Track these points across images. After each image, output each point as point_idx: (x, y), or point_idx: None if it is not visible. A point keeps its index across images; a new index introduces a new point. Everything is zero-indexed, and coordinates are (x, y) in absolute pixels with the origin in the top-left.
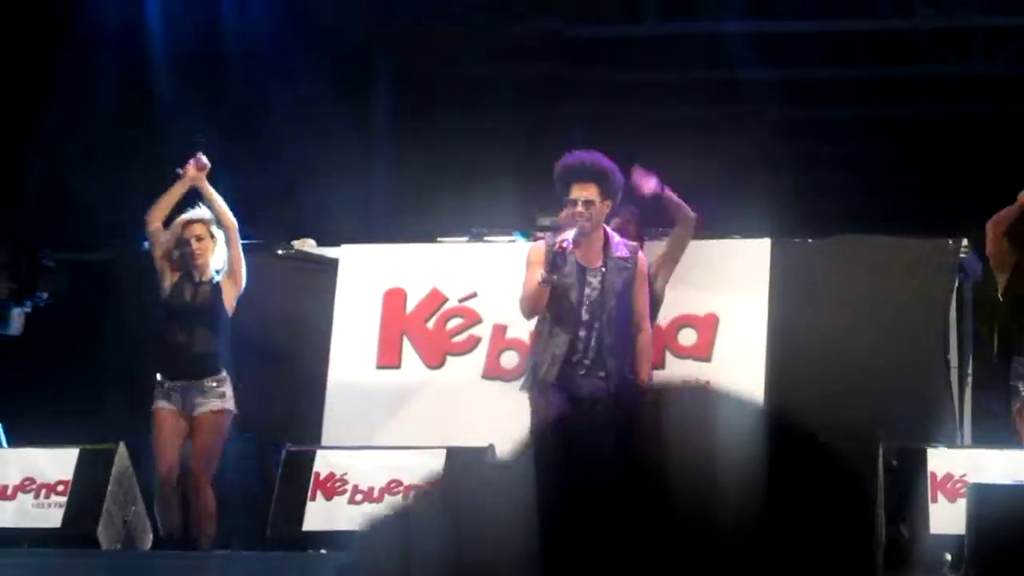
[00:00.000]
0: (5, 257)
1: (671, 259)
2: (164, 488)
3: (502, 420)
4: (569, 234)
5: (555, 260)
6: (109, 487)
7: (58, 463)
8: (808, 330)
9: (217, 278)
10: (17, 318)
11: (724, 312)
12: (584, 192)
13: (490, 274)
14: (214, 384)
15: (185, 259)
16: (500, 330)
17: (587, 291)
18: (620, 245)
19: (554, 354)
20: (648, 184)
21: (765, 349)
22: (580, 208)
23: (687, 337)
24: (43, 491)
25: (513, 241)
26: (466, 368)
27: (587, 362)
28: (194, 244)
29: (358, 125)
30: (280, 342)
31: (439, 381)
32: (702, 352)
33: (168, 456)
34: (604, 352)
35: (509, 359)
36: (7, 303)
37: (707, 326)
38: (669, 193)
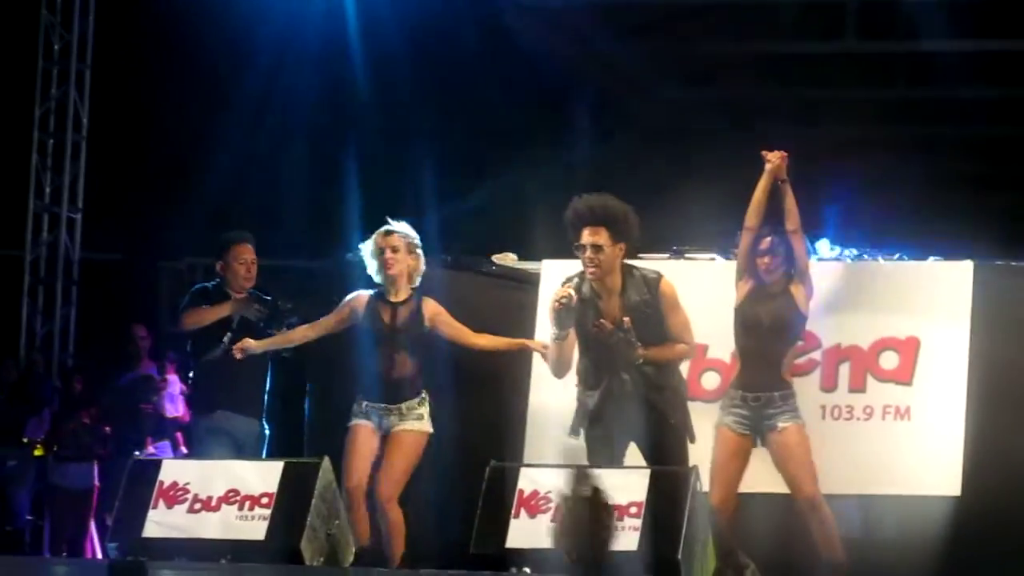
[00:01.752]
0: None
1: (802, 272)
2: (352, 502)
3: (703, 440)
4: (571, 288)
5: (559, 317)
6: (313, 500)
7: (263, 476)
8: (1011, 355)
9: (416, 298)
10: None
11: (926, 336)
12: (593, 237)
13: (690, 292)
14: (414, 406)
15: (378, 270)
16: (701, 350)
17: (613, 341)
18: (638, 284)
19: (587, 406)
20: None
21: (967, 374)
22: (589, 254)
23: (888, 360)
24: (247, 503)
25: (713, 259)
26: None
27: (618, 411)
28: (388, 254)
29: (559, 142)
30: (482, 359)
31: None
32: (903, 376)
33: (358, 469)
34: (637, 398)
35: (710, 380)
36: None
37: (908, 349)
38: (788, 189)
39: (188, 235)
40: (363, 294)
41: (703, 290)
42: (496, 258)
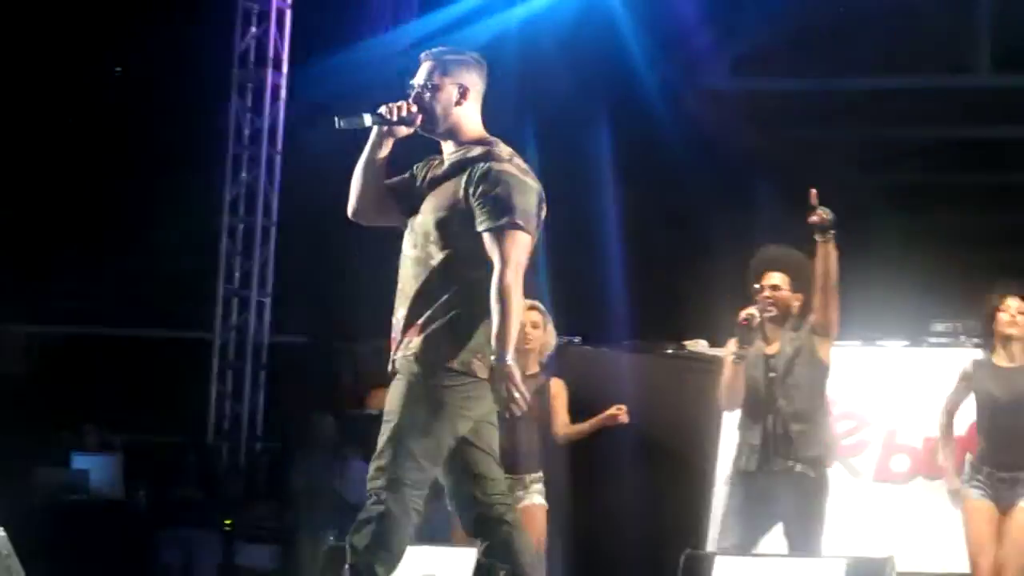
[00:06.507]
0: None
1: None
2: None
3: (895, 525)
4: (754, 310)
5: (742, 335)
6: None
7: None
8: None
9: (545, 374)
10: None
11: None
12: (773, 280)
13: (882, 378)
14: (534, 480)
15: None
16: (891, 435)
17: (771, 375)
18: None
19: (751, 444)
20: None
21: None
22: (767, 293)
23: None
24: None
25: (906, 346)
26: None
27: (779, 449)
28: (527, 329)
29: (740, 227)
30: (669, 444)
31: (831, 483)
32: None
33: None
34: (792, 437)
35: (899, 463)
36: None
37: None
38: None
39: (370, 316)
40: None
41: (895, 377)
42: (687, 344)
